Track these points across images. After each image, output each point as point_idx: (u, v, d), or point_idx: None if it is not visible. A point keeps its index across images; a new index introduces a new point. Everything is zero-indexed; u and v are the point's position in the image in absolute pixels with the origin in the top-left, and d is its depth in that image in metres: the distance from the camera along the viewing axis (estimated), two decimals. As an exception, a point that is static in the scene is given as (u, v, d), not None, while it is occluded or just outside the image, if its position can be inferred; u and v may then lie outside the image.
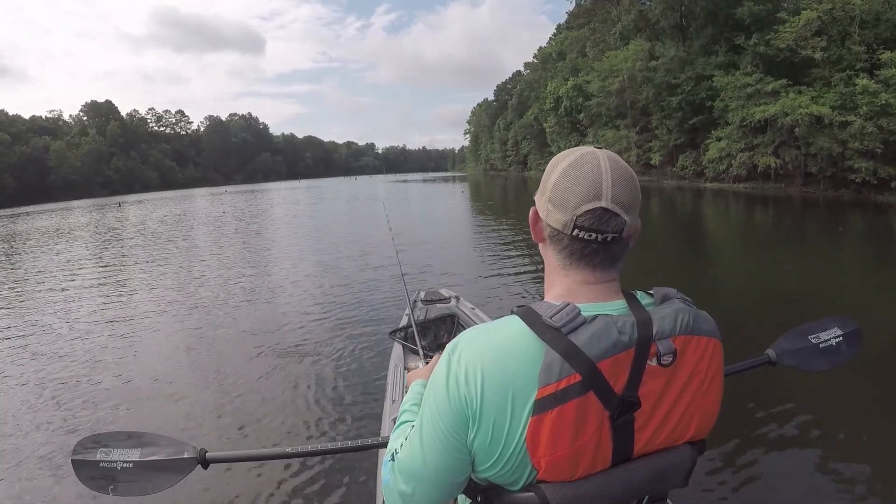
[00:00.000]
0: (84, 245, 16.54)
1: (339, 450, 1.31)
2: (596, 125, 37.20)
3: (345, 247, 12.06)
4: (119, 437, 1.19)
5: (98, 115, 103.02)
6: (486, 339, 0.74)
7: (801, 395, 3.62)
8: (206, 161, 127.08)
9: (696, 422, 0.77)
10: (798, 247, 9.91)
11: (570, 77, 41.57)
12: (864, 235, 11.30)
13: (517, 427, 0.70)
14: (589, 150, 0.78)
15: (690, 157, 27.79)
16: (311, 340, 5.29)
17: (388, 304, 6.48)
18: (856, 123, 17.53)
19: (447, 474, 0.76)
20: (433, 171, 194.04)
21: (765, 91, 21.35)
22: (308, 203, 32.55)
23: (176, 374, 4.69)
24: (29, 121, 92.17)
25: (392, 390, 2.53)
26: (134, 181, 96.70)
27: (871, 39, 19.19)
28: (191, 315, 6.70)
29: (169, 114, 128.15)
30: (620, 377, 0.70)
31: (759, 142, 21.81)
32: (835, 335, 1.39)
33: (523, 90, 67.05)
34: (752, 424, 3.25)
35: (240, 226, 19.87)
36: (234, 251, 12.59)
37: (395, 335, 3.04)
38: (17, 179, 76.84)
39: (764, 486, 2.69)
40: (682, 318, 0.74)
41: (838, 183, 19.10)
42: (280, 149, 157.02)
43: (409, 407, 0.93)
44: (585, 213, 0.74)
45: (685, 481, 0.80)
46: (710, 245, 11.42)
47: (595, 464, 0.72)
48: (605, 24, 39.54)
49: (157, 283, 9.04)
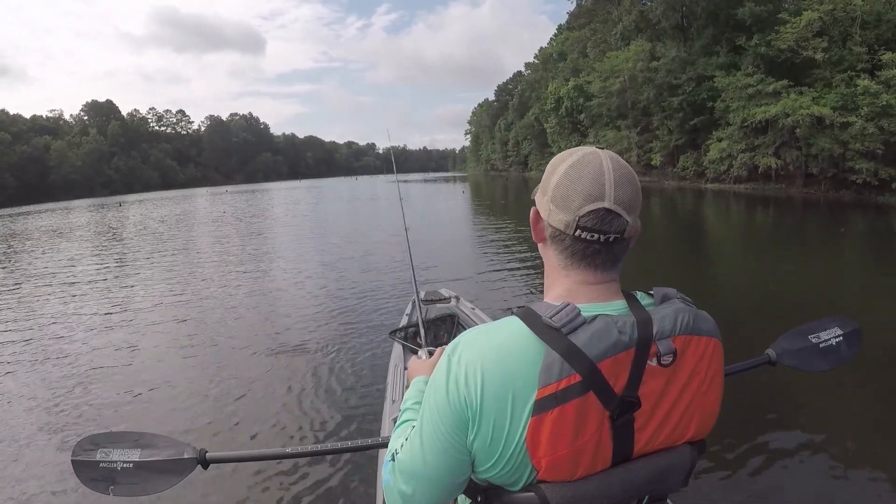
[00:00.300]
0: (84, 245, 16.55)
1: (339, 450, 1.31)
2: (597, 126, 37.20)
3: (345, 247, 12.07)
4: (119, 438, 1.19)
5: (99, 115, 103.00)
6: (485, 339, 0.74)
7: (802, 396, 3.62)
8: (206, 161, 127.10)
9: (696, 422, 0.77)
10: (799, 247, 9.91)
11: (571, 77, 41.57)
12: (865, 236, 11.30)
13: (517, 427, 0.70)
14: (591, 151, 0.78)
15: (691, 157, 27.81)
16: (311, 340, 5.29)
17: (388, 304, 6.47)
18: (857, 124, 17.53)
19: (447, 475, 0.76)
20: (434, 171, 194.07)
21: (766, 92, 21.35)
22: (308, 203, 32.57)
23: (176, 374, 4.69)
24: (30, 120, 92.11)
25: (392, 390, 2.53)
26: (135, 181, 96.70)
27: (873, 40, 19.19)
28: (191, 315, 6.69)
29: (170, 113, 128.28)
30: (620, 377, 0.70)
31: (760, 142, 21.82)
32: (835, 335, 1.39)
33: (524, 90, 67.07)
34: (752, 424, 3.25)
35: (240, 226, 19.87)
36: (234, 252, 12.57)
37: (395, 335, 3.04)
38: (18, 179, 76.83)
39: (764, 487, 2.69)
40: (682, 318, 0.74)
41: (839, 184, 19.10)
42: (281, 149, 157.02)
43: (411, 405, 0.93)
44: (588, 214, 0.74)
45: (685, 481, 0.80)
46: (710, 245, 11.41)
47: (595, 464, 0.72)
48: (606, 25, 39.55)
49: (157, 283, 9.04)
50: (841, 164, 18.62)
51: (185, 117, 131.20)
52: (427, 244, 11.34)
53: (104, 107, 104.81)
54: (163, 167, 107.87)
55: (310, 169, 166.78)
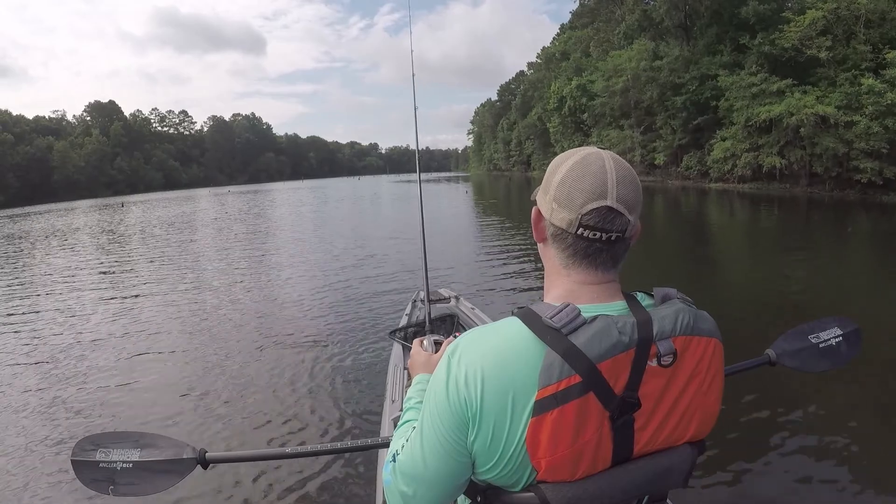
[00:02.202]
0: (85, 245, 16.62)
1: (339, 450, 1.32)
2: (600, 125, 37.14)
3: (345, 247, 12.08)
4: (119, 438, 1.19)
5: (102, 115, 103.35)
6: (485, 341, 0.74)
7: (801, 396, 3.61)
8: (209, 161, 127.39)
9: (696, 422, 0.77)
10: (802, 247, 9.85)
11: (574, 77, 41.49)
12: (869, 236, 11.26)
13: (517, 428, 0.70)
14: (593, 151, 0.79)
15: (695, 157, 27.74)
16: (311, 341, 5.29)
17: (388, 304, 6.47)
18: (861, 123, 17.46)
19: (447, 476, 0.76)
20: (436, 171, 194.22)
21: (770, 91, 21.29)
22: (311, 205, 32.60)
23: (176, 374, 4.70)
24: (32, 121, 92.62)
25: (392, 390, 2.52)
26: (138, 181, 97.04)
27: (877, 39, 19.09)
28: (191, 316, 6.70)
29: (172, 114, 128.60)
30: (620, 378, 0.70)
31: (764, 142, 21.76)
32: (834, 335, 1.39)
33: (527, 90, 66.95)
34: (752, 424, 3.25)
35: (242, 228, 19.90)
36: (235, 253, 12.61)
37: (395, 335, 3.03)
38: (21, 179, 77.20)
39: (763, 487, 2.68)
40: (682, 318, 0.74)
41: (843, 183, 19.02)
42: (284, 149, 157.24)
43: (413, 405, 0.93)
44: (591, 212, 0.74)
45: (685, 481, 0.80)
46: (713, 245, 11.38)
47: (595, 464, 0.72)
48: (608, 24, 39.52)
49: (158, 284, 9.06)
50: (845, 164, 18.54)
51: (187, 118, 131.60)
52: (428, 243, 11.30)
53: (107, 107, 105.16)
54: (166, 168, 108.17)
55: (313, 169, 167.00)
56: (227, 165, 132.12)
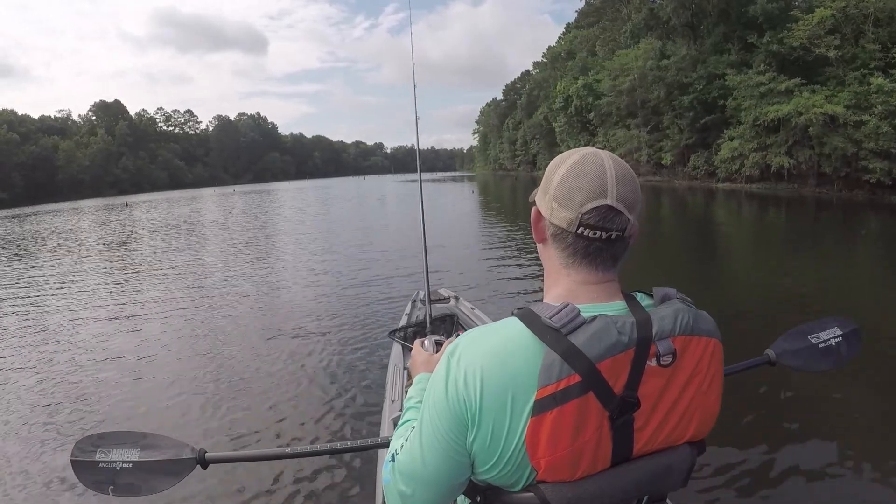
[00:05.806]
0: (88, 244, 16.74)
1: (339, 450, 1.32)
2: (606, 124, 37.06)
3: (346, 247, 12.12)
4: (118, 438, 1.19)
5: (107, 115, 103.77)
6: (485, 341, 0.74)
7: (801, 396, 3.60)
8: (214, 161, 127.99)
9: (696, 422, 0.77)
10: (809, 248, 9.80)
11: (580, 76, 41.40)
12: (878, 237, 11.17)
13: (517, 428, 0.70)
14: (592, 151, 0.80)
15: (702, 156, 27.58)
16: (311, 341, 5.29)
17: (388, 304, 6.47)
18: (870, 123, 17.34)
19: (447, 476, 0.76)
20: (441, 171, 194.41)
21: (778, 90, 21.18)
22: (316, 205, 32.66)
23: (176, 374, 4.69)
24: (38, 120, 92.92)
25: (392, 390, 2.52)
26: (143, 180, 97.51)
27: (886, 38, 18.91)
28: (191, 316, 6.70)
29: (178, 113, 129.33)
30: (620, 377, 0.70)
31: (773, 141, 21.64)
32: (834, 335, 1.39)
33: (532, 89, 66.85)
34: (752, 424, 3.24)
35: (245, 229, 19.97)
36: (237, 253, 12.63)
37: (395, 335, 3.03)
38: (27, 179, 77.67)
39: (763, 487, 2.68)
40: (681, 318, 0.74)
41: (852, 183, 18.89)
42: (289, 148, 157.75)
43: (414, 404, 0.94)
44: (591, 211, 0.75)
45: (685, 481, 0.80)
46: (719, 245, 11.33)
47: (595, 464, 0.72)
48: (615, 23, 39.45)
49: (159, 284, 9.09)
50: (854, 164, 18.40)
51: (192, 117, 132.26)
52: (430, 243, 11.30)
53: (112, 107, 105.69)
54: (171, 167, 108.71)
55: (318, 169, 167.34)
56: (232, 165, 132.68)
